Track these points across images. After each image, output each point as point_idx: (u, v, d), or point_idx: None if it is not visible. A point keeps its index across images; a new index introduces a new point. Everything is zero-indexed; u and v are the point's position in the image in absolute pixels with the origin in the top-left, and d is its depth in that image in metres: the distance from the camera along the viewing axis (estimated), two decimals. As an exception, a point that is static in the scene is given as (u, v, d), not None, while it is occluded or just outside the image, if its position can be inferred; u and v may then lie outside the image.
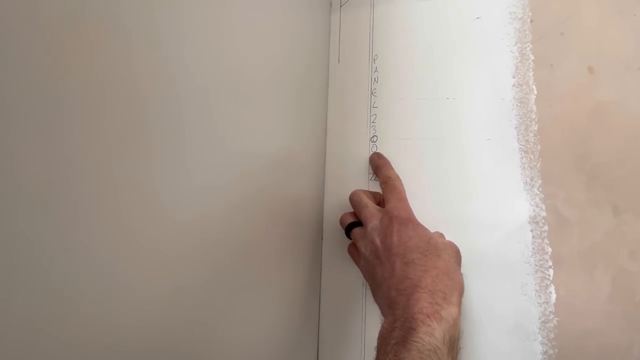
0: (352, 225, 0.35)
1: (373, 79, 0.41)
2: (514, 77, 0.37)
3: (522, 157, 0.36)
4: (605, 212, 0.34)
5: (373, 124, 0.40)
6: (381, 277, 0.30)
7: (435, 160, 0.38)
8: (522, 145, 0.36)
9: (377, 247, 0.31)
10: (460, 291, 0.29)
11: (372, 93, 0.41)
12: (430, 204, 0.37)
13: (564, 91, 0.36)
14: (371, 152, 0.40)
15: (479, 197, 0.36)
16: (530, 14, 0.38)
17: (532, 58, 0.37)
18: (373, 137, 0.40)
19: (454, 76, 0.39)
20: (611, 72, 0.36)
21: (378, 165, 0.38)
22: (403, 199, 0.34)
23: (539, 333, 0.33)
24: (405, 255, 0.30)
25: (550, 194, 0.35)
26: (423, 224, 0.33)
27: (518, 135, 0.36)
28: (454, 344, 0.26)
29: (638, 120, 0.35)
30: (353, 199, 0.36)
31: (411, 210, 0.34)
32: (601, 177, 0.35)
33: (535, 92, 0.37)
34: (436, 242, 0.31)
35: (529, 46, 0.37)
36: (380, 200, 0.37)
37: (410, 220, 0.32)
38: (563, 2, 0.37)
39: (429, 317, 0.26)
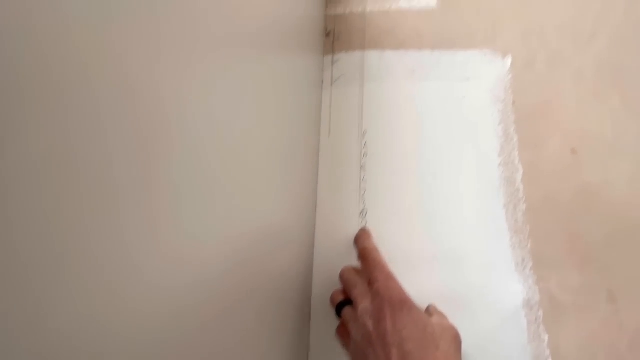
0: (343, 304, 0.34)
1: (363, 154, 0.41)
2: (499, 156, 0.38)
3: (512, 237, 0.36)
4: (600, 298, 0.33)
5: (363, 197, 0.40)
6: None
7: (426, 237, 0.38)
8: (511, 224, 0.36)
9: (369, 332, 0.29)
10: None
11: (361, 167, 0.41)
12: (420, 284, 0.35)
13: (549, 171, 0.37)
14: (361, 226, 0.39)
15: (471, 279, 0.35)
16: (512, 96, 0.39)
17: (516, 138, 0.38)
18: (362, 211, 0.40)
19: (442, 153, 0.40)
20: (594, 153, 0.37)
21: (357, 237, 0.38)
22: (390, 276, 0.32)
23: None
24: (401, 346, 0.28)
25: (543, 276, 0.34)
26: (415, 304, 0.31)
27: (507, 214, 0.36)
28: None
29: (624, 201, 0.35)
30: (342, 277, 0.35)
31: (402, 289, 0.32)
32: (594, 260, 0.34)
33: (521, 171, 0.37)
34: (433, 331, 0.29)
35: (512, 127, 0.39)
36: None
37: (404, 303, 0.30)
38: (542, 86, 0.39)
39: None
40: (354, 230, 0.39)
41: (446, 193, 0.38)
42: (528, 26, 0.41)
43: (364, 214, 0.40)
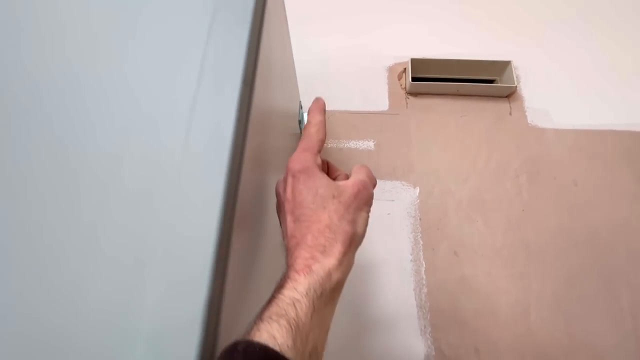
0: None
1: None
2: (411, 255, 0.58)
3: (418, 311, 0.54)
4: (470, 353, 0.52)
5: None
6: (282, 236, 0.30)
7: (358, 309, 0.55)
8: (417, 302, 0.55)
9: (279, 201, 0.31)
10: (345, 241, 0.27)
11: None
12: (342, 342, 0.52)
13: (441, 266, 0.57)
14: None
15: (389, 341, 0.53)
16: (419, 214, 0.61)
17: (422, 243, 0.59)
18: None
19: (372, 250, 0.59)
20: (468, 256, 0.58)
21: (309, 109, 0.36)
22: (306, 149, 0.31)
23: None
24: (294, 212, 0.29)
25: (437, 338, 0.52)
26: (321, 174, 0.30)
27: (415, 295, 0.55)
28: (326, 295, 0.25)
29: (485, 288, 0.56)
30: None
31: (310, 160, 0.30)
32: (465, 326, 0.53)
33: (424, 266, 0.57)
34: (324, 193, 0.28)
35: (419, 235, 0.59)
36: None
37: (302, 172, 0.30)
38: (437, 208, 0.61)
39: (297, 272, 0.25)
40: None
41: (372, 282, 0.57)
42: (429, 168, 0.64)
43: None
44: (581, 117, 0.67)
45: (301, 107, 0.67)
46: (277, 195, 0.32)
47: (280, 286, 0.25)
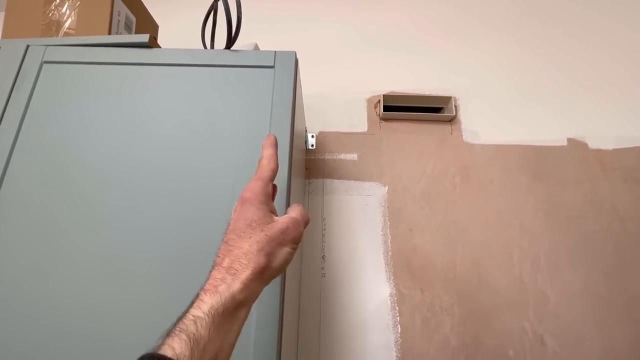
0: None
1: (323, 234, 0.89)
2: (381, 231, 0.88)
3: (385, 266, 0.84)
4: (417, 291, 0.82)
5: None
6: None
7: (344, 265, 0.85)
8: (385, 261, 0.85)
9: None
10: (255, 270, 0.29)
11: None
12: (331, 285, 0.82)
13: (399, 239, 0.87)
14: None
15: (372, 286, 0.83)
16: (387, 204, 0.90)
17: (388, 223, 0.88)
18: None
19: (358, 228, 0.88)
20: (418, 231, 0.88)
21: (263, 144, 0.38)
22: (258, 179, 0.34)
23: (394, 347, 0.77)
24: (227, 234, 0.31)
25: (397, 283, 0.83)
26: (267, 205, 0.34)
27: (383, 256, 0.85)
28: (228, 313, 0.28)
29: (428, 252, 0.86)
30: None
31: (258, 190, 0.33)
32: (414, 275, 0.84)
33: (390, 238, 0.87)
34: (257, 225, 0.31)
35: (387, 218, 0.89)
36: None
37: (247, 200, 0.32)
38: (399, 199, 0.91)
39: (204, 292, 0.28)
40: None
41: (356, 247, 0.86)
42: (394, 172, 0.94)
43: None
44: (499, 136, 0.97)
45: (306, 130, 0.96)
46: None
47: (190, 304, 0.28)
